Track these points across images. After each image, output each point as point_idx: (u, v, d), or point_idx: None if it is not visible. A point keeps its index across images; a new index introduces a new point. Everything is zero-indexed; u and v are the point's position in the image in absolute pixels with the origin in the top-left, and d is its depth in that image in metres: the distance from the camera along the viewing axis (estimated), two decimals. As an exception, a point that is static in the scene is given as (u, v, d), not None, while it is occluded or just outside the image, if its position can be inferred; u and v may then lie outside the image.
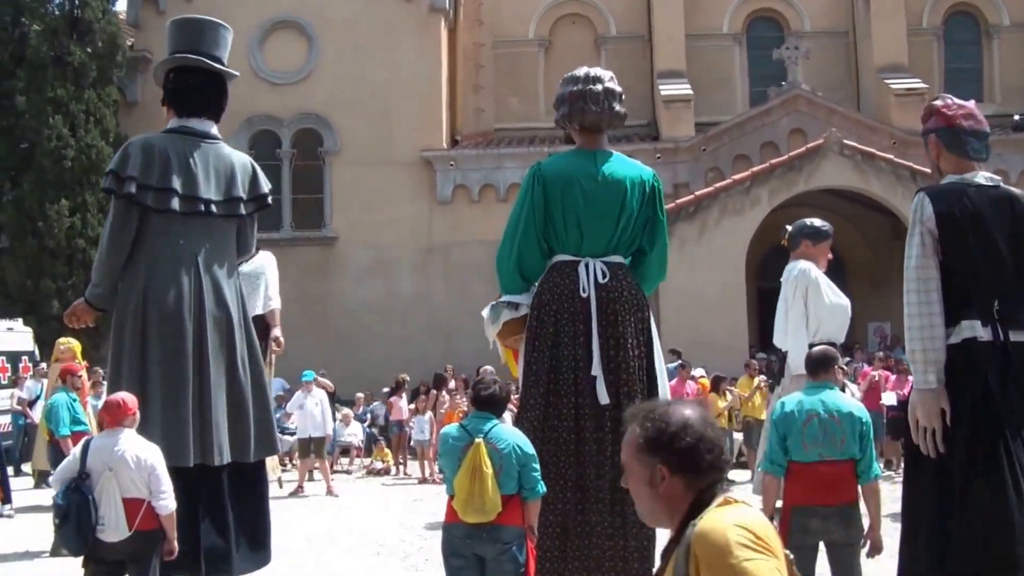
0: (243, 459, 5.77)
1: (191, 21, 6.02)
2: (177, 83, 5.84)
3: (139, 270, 5.64)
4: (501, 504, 5.56)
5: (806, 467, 5.79)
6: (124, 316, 5.66)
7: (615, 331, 5.45)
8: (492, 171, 27.04)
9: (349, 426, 20.91)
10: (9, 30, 26.14)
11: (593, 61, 28.87)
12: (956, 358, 4.71)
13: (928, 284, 4.73)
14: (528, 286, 5.64)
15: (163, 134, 5.80)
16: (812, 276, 8.02)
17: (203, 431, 5.63)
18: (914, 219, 4.82)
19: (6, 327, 21.56)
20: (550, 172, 5.55)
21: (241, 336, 5.80)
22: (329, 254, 26.68)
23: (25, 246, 24.48)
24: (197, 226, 5.70)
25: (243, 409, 5.75)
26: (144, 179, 5.59)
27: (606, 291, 5.47)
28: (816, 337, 7.80)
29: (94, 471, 6.28)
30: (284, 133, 27.41)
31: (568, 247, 5.54)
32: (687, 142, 26.64)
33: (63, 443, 11.81)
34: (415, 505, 13.87)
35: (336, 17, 27.16)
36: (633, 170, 5.65)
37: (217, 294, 5.70)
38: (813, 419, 5.79)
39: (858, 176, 22.78)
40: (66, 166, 24.43)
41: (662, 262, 5.76)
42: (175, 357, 5.58)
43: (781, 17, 29.80)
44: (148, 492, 6.14)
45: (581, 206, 5.47)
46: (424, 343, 25.39)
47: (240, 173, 5.81)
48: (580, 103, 5.65)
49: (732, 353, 21.27)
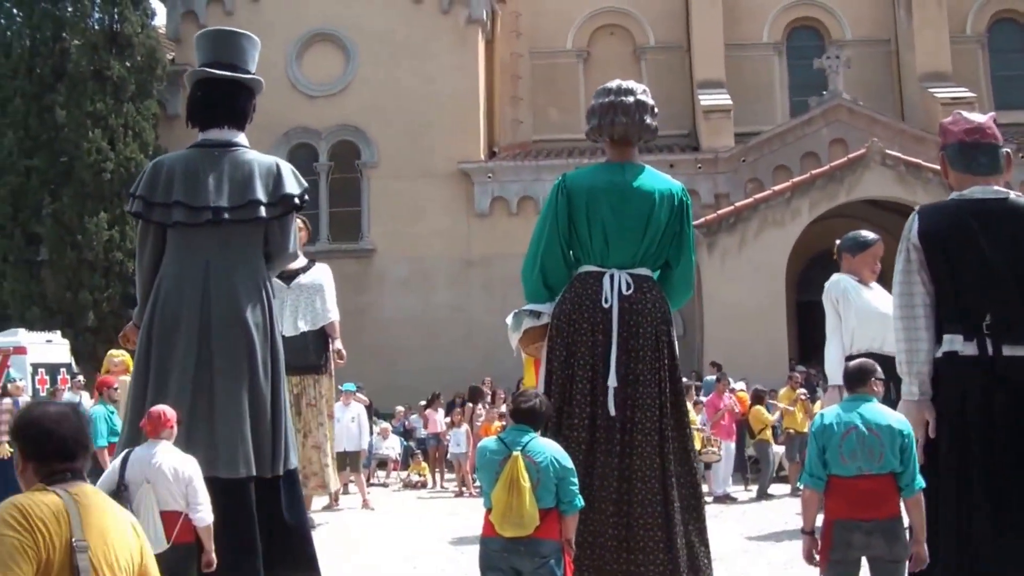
0: (264, 473, 5.67)
1: (209, 34, 6.05)
2: (193, 97, 5.91)
3: (157, 285, 5.72)
4: (539, 518, 5.53)
5: (846, 481, 5.71)
6: (142, 331, 5.76)
7: (635, 343, 5.50)
8: (530, 183, 27.05)
9: (387, 439, 20.93)
10: (50, 45, 26.41)
11: (632, 71, 28.88)
12: (940, 371, 4.88)
13: (912, 299, 4.92)
14: (552, 295, 5.71)
15: (183, 150, 5.88)
16: (842, 286, 8.14)
17: (212, 442, 5.59)
18: (903, 236, 4.98)
19: (45, 339, 21.77)
20: (575, 183, 5.63)
21: (263, 341, 5.71)
22: (366, 267, 26.77)
23: (64, 259, 24.75)
24: (207, 235, 5.69)
25: (264, 418, 5.67)
26: (150, 196, 5.70)
27: (629, 303, 5.52)
28: (853, 348, 7.91)
29: (132, 483, 6.29)
30: (321, 146, 27.56)
31: (594, 258, 5.60)
32: (727, 153, 26.57)
33: (99, 454, 11.89)
34: (451, 518, 13.83)
35: (373, 29, 27.28)
36: (662, 183, 5.68)
37: (231, 299, 5.63)
38: (851, 432, 5.72)
39: (901, 187, 22.61)
40: (105, 179, 24.68)
41: (686, 277, 5.79)
42: (173, 365, 5.60)
43: (821, 26, 29.69)
44: (185, 504, 6.15)
45: (608, 217, 5.53)
46: (461, 356, 25.40)
47: (261, 176, 5.74)
48: (610, 115, 5.70)
49: (772, 366, 21.15)
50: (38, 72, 26.12)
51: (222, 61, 5.84)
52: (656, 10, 29.73)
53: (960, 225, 4.85)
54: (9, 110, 25.49)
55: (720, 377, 17.65)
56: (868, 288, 8.17)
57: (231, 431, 5.53)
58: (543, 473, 5.53)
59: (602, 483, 5.41)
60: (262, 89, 5.99)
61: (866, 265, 8.22)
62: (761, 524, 12.78)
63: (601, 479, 5.42)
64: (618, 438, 5.42)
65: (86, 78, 25.24)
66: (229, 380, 5.56)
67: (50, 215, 25.69)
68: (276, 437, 5.72)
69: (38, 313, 24.64)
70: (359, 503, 15.72)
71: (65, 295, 24.67)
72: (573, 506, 5.50)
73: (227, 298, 5.63)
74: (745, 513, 14.18)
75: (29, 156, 25.55)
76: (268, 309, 5.78)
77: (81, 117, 24.97)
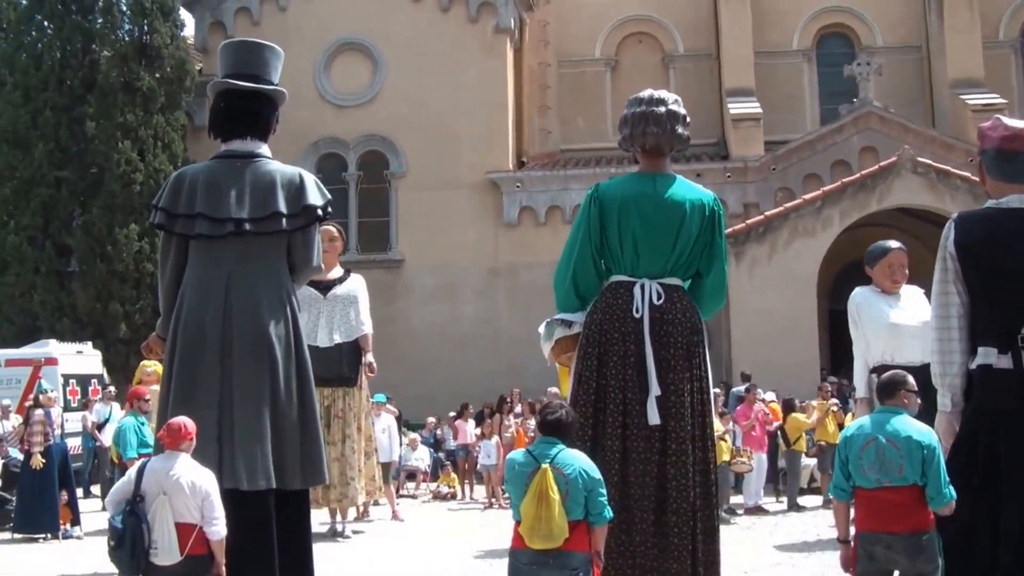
0: (285, 486, 5.63)
1: (232, 45, 6.03)
2: (215, 108, 5.91)
3: (180, 297, 5.72)
4: (568, 530, 5.54)
5: (868, 493, 5.71)
6: (168, 344, 5.76)
7: (666, 352, 5.52)
8: (559, 192, 27.07)
9: (416, 450, 20.96)
10: (80, 57, 26.63)
11: (660, 80, 28.88)
12: (976, 384, 4.79)
13: (948, 310, 4.85)
14: (583, 304, 5.73)
15: (206, 162, 5.89)
16: (858, 299, 8.21)
17: (231, 454, 5.55)
18: (940, 245, 4.91)
19: (76, 350, 21.93)
20: (607, 194, 5.65)
21: (286, 354, 5.67)
22: (395, 277, 26.84)
23: (94, 270, 24.92)
24: (229, 247, 5.66)
25: (287, 432, 5.63)
26: (172, 208, 5.70)
27: (659, 312, 5.54)
28: (871, 360, 8.03)
29: (148, 494, 6.34)
30: (350, 156, 27.67)
31: (625, 268, 5.63)
32: (756, 161, 26.50)
33: (129, 465, 11.96)
34: (481, 530, 13.83)
35: (401, 39, 27.38)
36: (693, 193, 5.68)
37: (253, 312, 5.61)
38: (870, 444, 5.71)
39: (933, 195, 22.48)
40: (135, 190, 24.86)
41: (718, 287, 5.78)
42: (195, 378, 5.60)
43: (852, 33, 29.59)
44: (200, 517, 6.20)
45: (638, 227, 5.55)
46: (489, 366, 25.42)
47: (283, 187, 5.70)
48: (642, 124, 5.71)
49: (803, 376, 21.04)
50: (68, 84, 26.34)
51: (245, 72, 5.83)
52: (685, 18, 29.72)
53: (996, 235, 4.76)
54: (40, 122, 25.68)
55: (750, 387, 17.58)
56: (890, 298, 8.14)
57: (252, 444, 5.50)
58: (572, 485, 5.53)
59: (642, 491, 5.45)
60: (285, 100, 5.97)
61: (884, 275, 8.19)
62: (793, 535, 12.75)
63: (641, 487, 5.46)
64: (657, 447, 5.46)
65: (116, 90, 25.43)
66: (251, 394, 5.54)
67: (80, 227, 25.88)
68: (305, 449, 5.70)
69: (68, 324, 24.81)
70: (388, 514, 15.75)
71: (95, 306, 24.85)
72: (602, 517, 5.50)
73: (249, 312, 5.60)
74: (777, 525, 14.15)
75: (59, 168, 25.75)
76: (292, 322, 5.73)
77: (111, 129, 25.16)
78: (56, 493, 13.95)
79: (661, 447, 5.46)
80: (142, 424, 12.49)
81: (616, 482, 5.44)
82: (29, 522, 13.81)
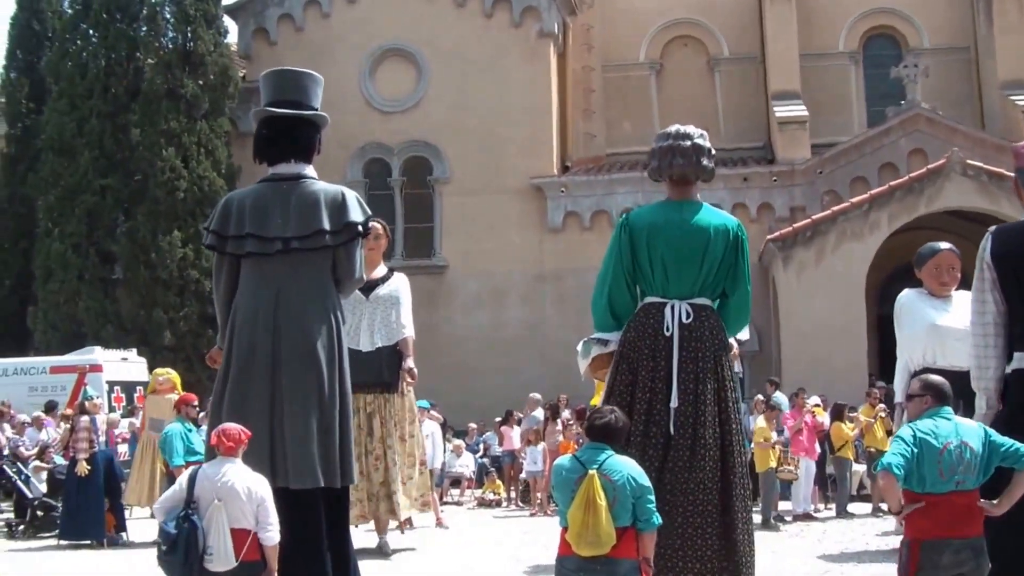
0: (333, 484, 6.03)
1: (272, 74, 6.46)
2: (259, 135, 6.34)
3: (234, 313, 6.17)
4: (615, 536, 5.53)
5: (940, 498, 5.61)
6: (223, 356, 6.23)
7: (695, 367, 5.95)
8: (604, 197, 27.05)
9: (461, 457, 20.97)
10: (125, 65, 26.88)
11: (706, 83, 28.87)
12: (1010, 388, 5.20)
13: (984, 317, 5.25)
14: (619, 325, 6.19)
15: (253, 185, 6.33)
16: (902, 301, 8.13)
17: (283, 456, 5.97)
18: (978, 255, 5.29)
19: (120, 357, 22.11)
20: (636, 222, 6.18)
21: (329, 363, 6.04)
22: (439, 283, 26.90)
23: (138, 277, 25.12)
24: (278, 264, 6.08)
25: (330, 435, 6.01)
26: (222, 230, 6.14)
27: (688, 330, 5.99)
28: (912, 364, 7.90)
29: (202, 500, 6.38)
30: (394, 162, 27.77)
31: (656, 290, 6.10)
32: (803, 164, 26.37)
33: (177, 473, 12.00)
34: (527, 537, 13.80)
35: (445, 44, 27.45)
36: (717, 219, 6.16)
37: (301, 324, 6.01)
38: (950, 446, 5.64)
39: (984, 197, 22.29)
40: (179, 197, 25.04)
41: (742, 306, 6.22)
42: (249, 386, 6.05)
43: (899, 34, 29.40)
44: (255, 523, 6.25)
45: (666, 252, 6.04)
46: (535, 372, 25.40)
47: (326, 206, 6.06)
48: (669, 157, 6.20)
49: (852, 381, 20.92)
50: (113, 92, 26.57)
51: (286, 99, 6.24)
52: (730, 20, 29.61)
53: None
54: (85, 130, 25.93)
55: (797, 392, 17.44)
56: (936, 300, 7.97)
57: (301, 448, 5.92)
58: (620, 491, 5.52)
59: (673, 498, 5.79)
60: (327, 123, 6.34)
61: (932, 277, 7.99)
62: (842, 544, 12.64)
63: (672, 495, 5.80)
64: (686, 456, 5.84)
65: (160, 97, 25.64)
66: (299, 400, 5.95)
67: (124, 234, 26.10)
68: (343, 452, 6.09)
69: (113, 332, 25.00)
70: (433, 521, 15.76)
71: (139, 313, 25.02)
72: (651, 524, 5.50)
73: (297, 325, 6.01)
74: (825, 532, 14.03)
75: (104, 175, 25.97)
76: (336, 333, 6.13)
77: (155, 136, 25.36)
78: (102, 500, 14.06)
79: (691, 455, 5.84)
80: (189, 431, 12.55)
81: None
82: (75, 529, 13.92)
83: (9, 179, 28.05)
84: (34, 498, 15.89)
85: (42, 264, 25.80)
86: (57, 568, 12.20)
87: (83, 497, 13.91)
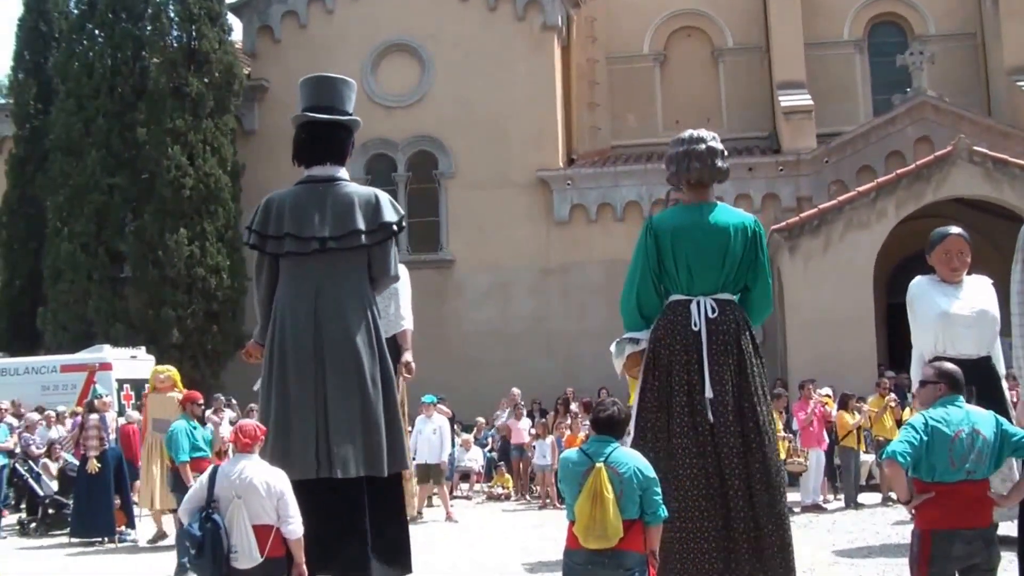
0: (377, 473, 6.25)
1: (310, 80, 6.77)
2: (298, 139, 6.64)
3: (276, 307, 6.46)
4: (623, 529, 5.53)
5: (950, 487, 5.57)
6: (266, 351, 6.50)
7: (723, 359, 6.25)
8: (609, 189, 27.01)
9: (469, 451, 20.98)
10: (130, 64, 26.87)
11: (710, 74, 28.82)
12: None
13: None
14: (648, 324, 6.48)
15: (292, 187, 6.62)
16: (914, 289, 8.06)
17: (327, 447, 6.15)
18: (1017, 246, 5.65)
19: (130, 355, 22.16)
20: (660, 225, 6.46)
21: (370, 356, 6.33)
22: (446, 277, 26.90)
23: (146, 276, 25.15)
24: (316, 262, 6.38)
25: (376, 426, 6.26)
26: (263, 230, 6.46)
27: (715, 324, 6.29)
28: (926, 352, 7.81)
29: (222, 499, 6.42)
30: (399, 157, 27.75)
31: (681, 288, 6.39)
32: (809, 154, 26.29)
33: (182, 469, 12.05)
34: (536, 531, 13.84)
35: (448, 38, 27.42)
36: (735, 218, 6.47)
37: (340, 320, 6.30)
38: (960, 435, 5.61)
39: (990, 184, 22.20)
40: (185, 195, 25.05)
41: (763, 297, 6.54)
42: (293, 380, 6.27)
43: (904, 21, 29.29)
44: (276, 518, 6.28)
45: (690, 252, 6.34)
46: (542, 365, 25.44)
47: (361, 207, 6.40)
48: (685, 162, 6.51)
49: (860, 372, 20.87)
50: (119, 91, 26.56)
51: (322, 104, 6.60)
52: (734, 11, 29.51)
53: None
54: (92, 129, 25.95)
55: (804, 383, 17.40)
56: (948, 287, 7.86)
57: (345, 437, 6.17)
58: (626, 484, 5.54)
59: (708, 482, 6.06)
60: (360, 127, 6.78)
61: (942, 262, 7.85)
62: (852, 535, 12.63)
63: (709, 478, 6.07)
64: (738, 442, 6.12)
65: (165, 95, 25.64)
66: (343, 393, 6.23)
67: (132, 232, 26.10)
68: (392, 440, 6.35)
69: (122, 330, 25.04)
70: (442, 515, 15.78)
71: (148, 312, 25.04)
72: (657, 517, 5.52)
73: (337, 320, 6.32)
74: (835, 523, 14.02)
75: (112, 175, 25.98)
76: (374, 327, 6.44)
77: (161, 134, 25.37)
78: (112, 497, 14.11)
79: (723, 441, 6.11)
80: (194, 428, 12.54)
81: (688, 475, 6.06)
82: (86, 526, 14.02)
83: (18, 180, 28.05)
84: (45, 496, 15.97)
85: (52, 264, 25.84)
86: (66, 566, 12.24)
87: (94, 495, 13.99)
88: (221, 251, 25.33)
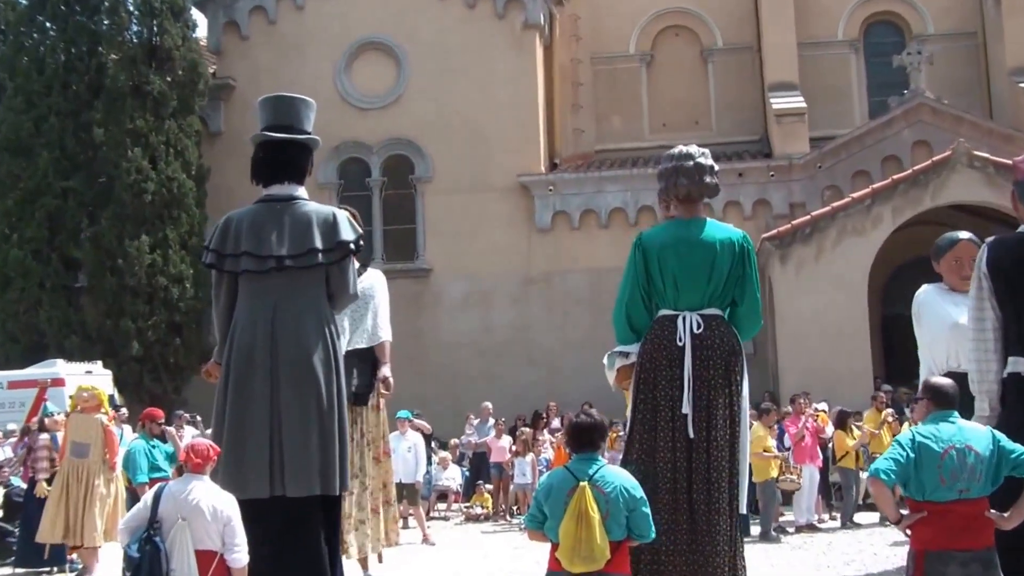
0: (330, 492, 6.37)
1: (268, 100, 6.93)
2: (256, 158, 6.82)
3: (233, 327, 6.62)
4: (609, 551, 5.52)
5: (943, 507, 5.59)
6: (223, 370, 6.60)
7: (707, 373, 6.51)
8: (593, 195, 27.02)
9: (447, 469, 20.93)
10: (86, 60, 26.65)
11: (699, 75, 28.89)
12: (1008, 390, 5.76)
13: (983, 323, 5.87)
14: (638, 337, 6.77)
15: (250, 206, 6.79)
16: (921, 298, 7.92)
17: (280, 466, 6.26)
18: (975, 264, 5.99)
19: (84, 370, 21.92)
20: (649, 241, 6.77)
21: (327, 374, 6.48)
22: (423, 286, 26.86)
23: (104, 284, 24.94)
24: (273, 281, 6.55)
25: (331, 445, 6.40)
26: (221, 248, 6.63)
27: (700, 340, 6.55)
28: (938, 364, 7.67)
29: (166, 520, 6.39)
30: (373, 161, 27.68)
31: (668, 303, 6.67)
32: (802, 158, 26.35)
33: (140, 490, 11.88)
34: (516, 553, 13.81)
35: (425, 37, 27.39)
36: (723, 233, 6.74)
37: (297, 339, 6.47)
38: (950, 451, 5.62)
39: (991, 190, 22.28)
40: (146, 200, 24.88)
41: (752, 313, 6.80)
42: (248, 398, 6.41)
43: (901, 20, 29.43)
44: (221, 544, 6.25)
45: (676, 268, 6.63)
46: (524, 378, 25.42)
47: (319, 226, 6.57)
48: (674, 178, 6.78)
49: (855, 385, 20.93)
50: (74, 89, 26.38)
51: (281, 123, 6.74)
52: (724, 9, 29.56)
53: (1022, 259, 5.77)
54: (44, 129, 25.72)
55: (796, 396, 17.44)
56: (957, 296, 7.72)
57: (299, 456, 6.27)
58: (612, 504, 5.54)
59: (676, 497, 6.30)
60: (319, 146, 6.89)
61: (952, 270, 7.74)
62: (848, 555, 12.65)
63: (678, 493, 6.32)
64: (704, 458, 6.37)
65: (125, 94, 25.43)
66: (297, 412, 6.35)
67: (89, 239, 25.87)
68: (342, 461, 6.48)
69: (77, 342, 24.84)
70: (419, 538, 15.74)
71: (105, 323, 24.84)
72: (646, 538, 5.51)
73: (294, 338, 6.47)
74: (831, 544, 14.05)
75: (66, 177, 25.74)
76: (332, 346, 6.59)
77: (120, 135, 25.17)
78: (62, 523, 13.82)
79: (707, 456, 6.38)
80: (153, 446, 12.44)
81: (669, 489, 6.31)
82: (33, 555, 13.27)
83: (-38, 182, 27.81)
84: (-12, 523, 15.48)
85: (0, 272, 25.60)
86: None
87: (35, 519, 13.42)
88: (184, 259, 25.17)
